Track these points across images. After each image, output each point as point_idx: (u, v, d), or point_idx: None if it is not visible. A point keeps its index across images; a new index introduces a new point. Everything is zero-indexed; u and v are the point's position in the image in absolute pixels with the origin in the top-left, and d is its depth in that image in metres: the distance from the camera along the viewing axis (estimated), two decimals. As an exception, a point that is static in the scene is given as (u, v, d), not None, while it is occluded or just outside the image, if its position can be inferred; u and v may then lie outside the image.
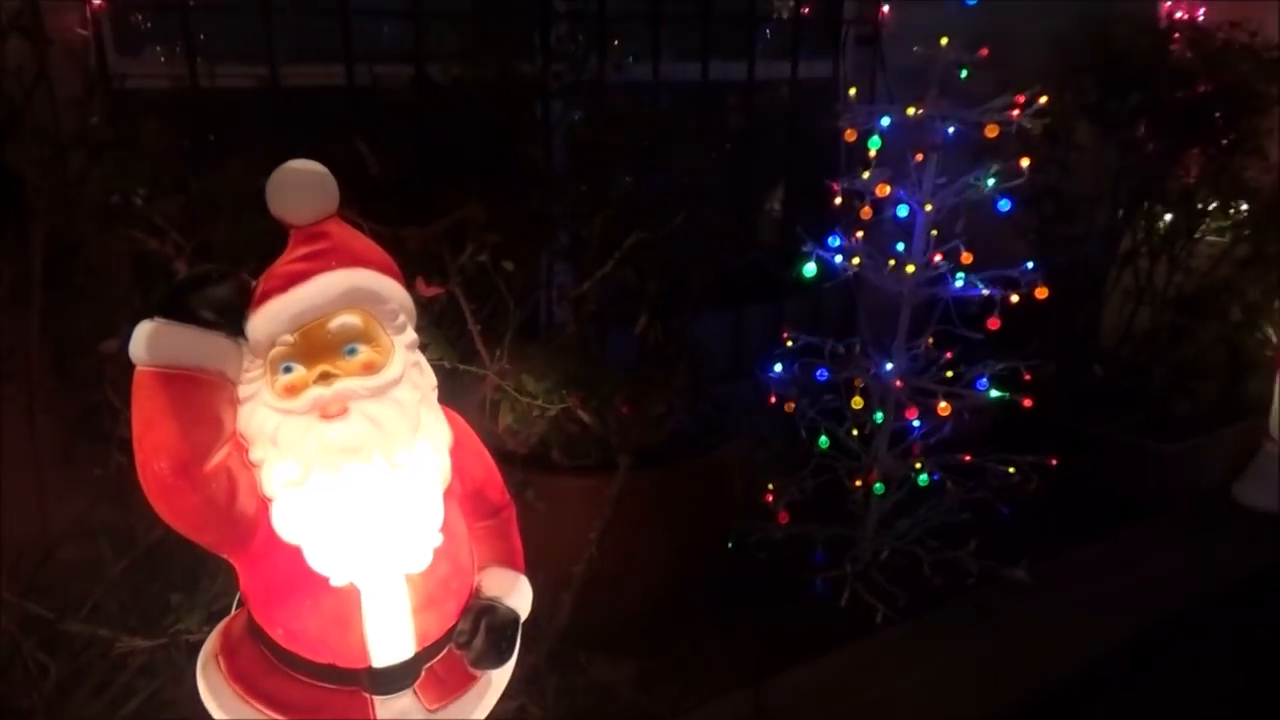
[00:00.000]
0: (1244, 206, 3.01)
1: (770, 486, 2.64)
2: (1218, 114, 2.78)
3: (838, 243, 2.58)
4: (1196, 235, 3.05)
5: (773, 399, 2.65)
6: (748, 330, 3.25)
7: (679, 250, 1.82)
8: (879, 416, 2.62)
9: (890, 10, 3.09)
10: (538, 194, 1.73)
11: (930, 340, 2.61)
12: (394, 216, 1.37)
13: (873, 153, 2.47)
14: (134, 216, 1.48)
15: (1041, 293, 2.45)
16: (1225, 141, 2.83)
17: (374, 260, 1.27)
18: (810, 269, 2.52)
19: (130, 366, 1.13)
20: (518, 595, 1.39)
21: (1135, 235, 3.18)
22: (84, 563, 1.78)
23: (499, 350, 1.57)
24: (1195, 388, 3.23)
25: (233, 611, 1.42)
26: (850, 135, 2.46)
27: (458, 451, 1.36)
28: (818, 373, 2.60)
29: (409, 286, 1.32)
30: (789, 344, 2.64)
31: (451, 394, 1.42)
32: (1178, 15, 3.60)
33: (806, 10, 3.17)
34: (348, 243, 1.26)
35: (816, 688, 2.14)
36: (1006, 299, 2.39)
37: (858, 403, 2.56)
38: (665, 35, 2.80)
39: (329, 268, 1.21)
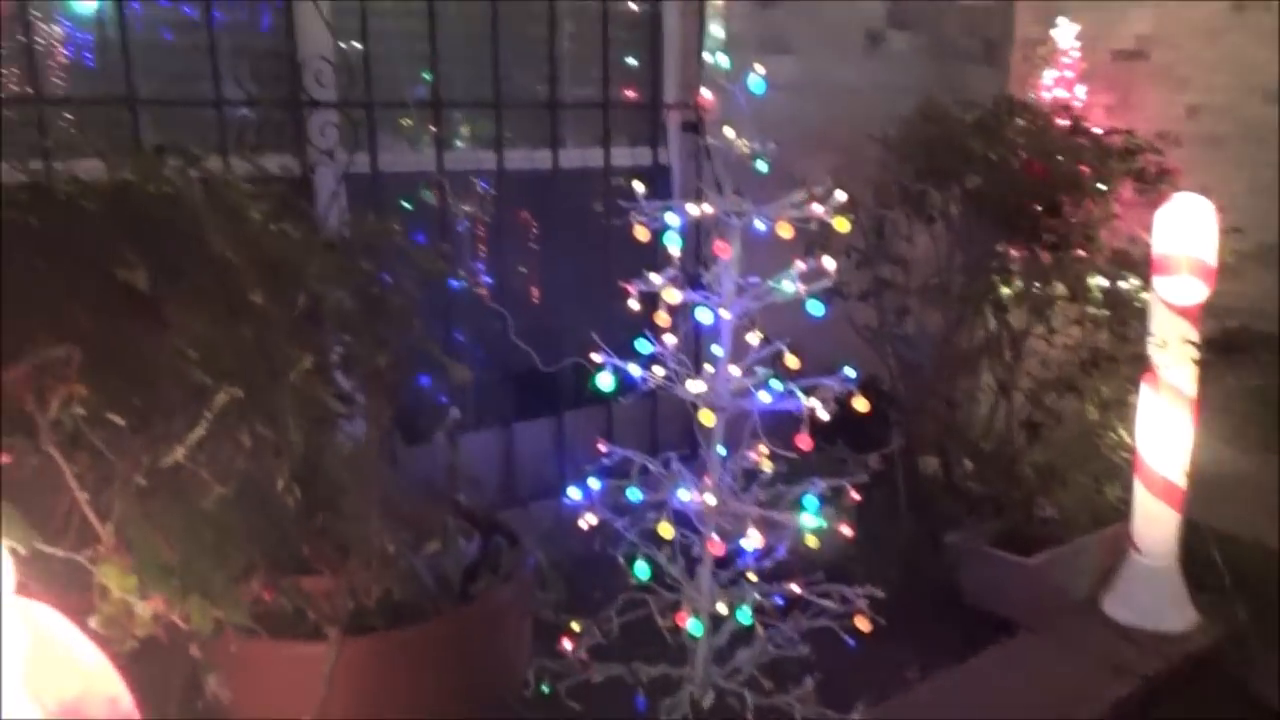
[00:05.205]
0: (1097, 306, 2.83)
1: (574, 627, 2.32)
2: (1042, 208, 2.60)
3: (650, 349, 2.30)
4: (1042, 329, 2.84)
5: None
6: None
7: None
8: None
9: (714, 96, 2.86)
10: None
11: (768, 453, 2.31)
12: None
13: (673, 252, 2.22)
14: None
15: (861, 405, 2.20)
16: (1053, 237, 2.66)
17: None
18: (607, 383, 2.24)
19: None
20: None
21: (986, 329, 2.99)
22: None
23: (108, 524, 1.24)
24: (1056, 492, 3.02)
25: None
26: (643, 234, 2.21)
27: (35, 662, 1.05)
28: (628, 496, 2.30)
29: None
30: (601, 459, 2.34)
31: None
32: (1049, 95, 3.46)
33: (633, 93, 2.96)
34: None
35: None
36: (814, 414, 2.12)
37: (667, 531, 2.26)
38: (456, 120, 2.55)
39: None
